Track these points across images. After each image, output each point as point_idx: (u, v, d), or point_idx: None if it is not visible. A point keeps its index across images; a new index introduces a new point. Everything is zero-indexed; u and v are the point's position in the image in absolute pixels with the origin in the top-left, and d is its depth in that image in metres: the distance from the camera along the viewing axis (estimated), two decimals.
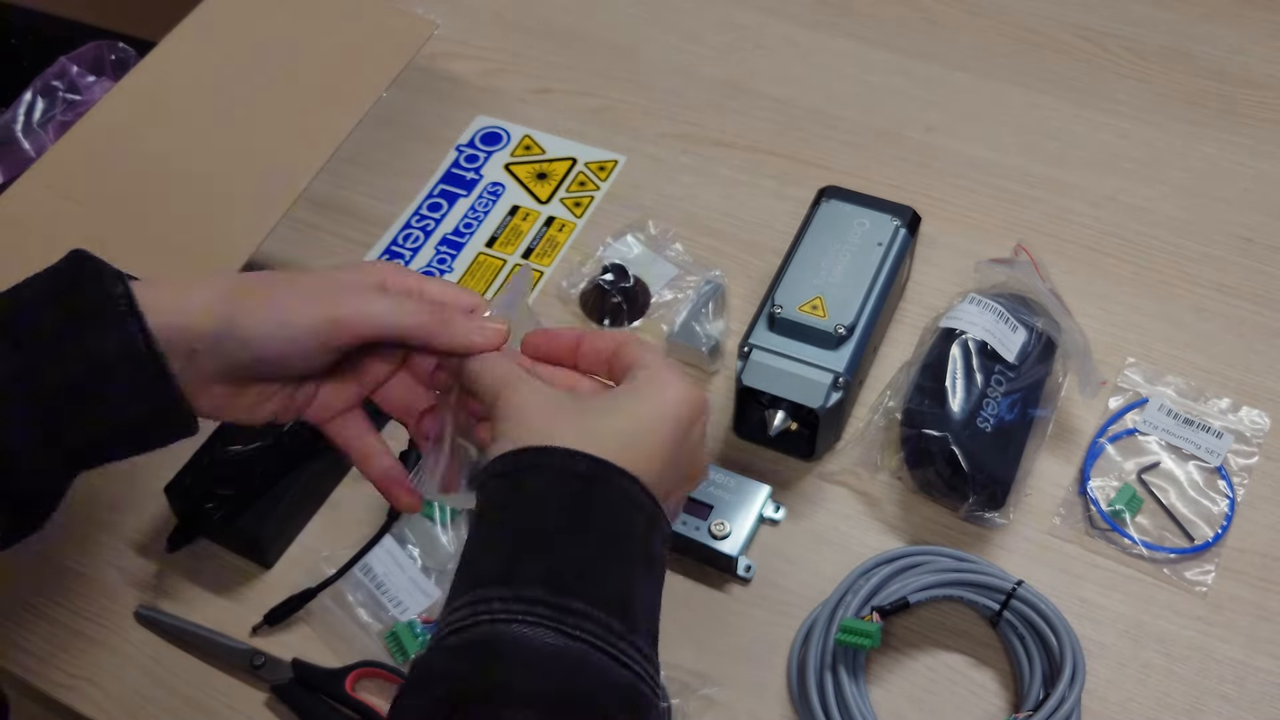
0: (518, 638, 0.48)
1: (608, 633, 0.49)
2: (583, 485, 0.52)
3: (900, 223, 0.89)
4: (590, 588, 0.50)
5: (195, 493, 0.81)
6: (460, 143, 1.09)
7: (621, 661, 0.49)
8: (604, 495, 0.52)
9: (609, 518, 0.52)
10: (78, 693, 0.78)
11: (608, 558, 0.52)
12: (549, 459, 0.53)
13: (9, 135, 1.02)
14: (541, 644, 0.48)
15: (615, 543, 0.52)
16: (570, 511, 0.52)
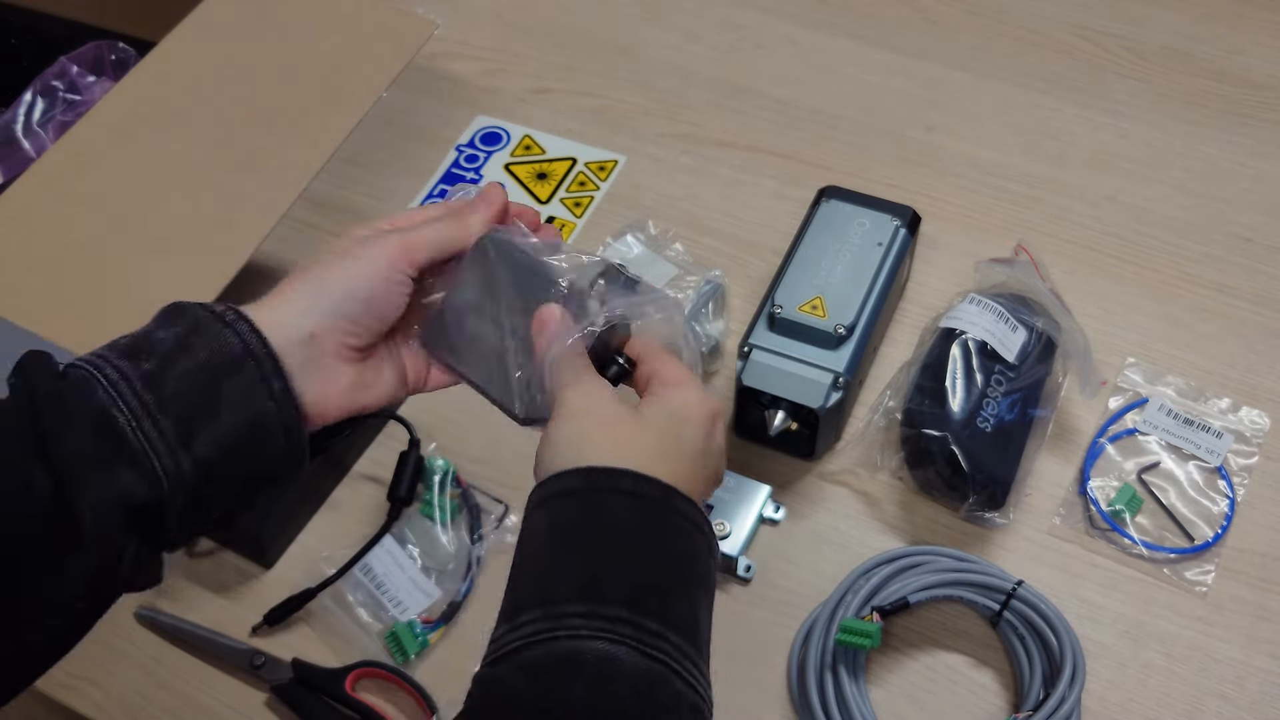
0: (602, 654, 0.48)
1: (680, 654, 0.50)
2: (656, 510, 0.54)
3: (900, 223, 0.89)
4: (666, 610, 0.51)
5: None
6: (460, 143, 1.09)
7: (689, 684, 0.50)
8: (673, 520, 0.54)
9: (678, 541, 0.54)
10: (78, 693, 0.78)
11: (681, 581, 0.53)
12: (621, 482, 0.54)
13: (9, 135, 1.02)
14: (626, 661, 0.49)
15: (685, 566, 0.54)
16: (646, 535, 0.53)
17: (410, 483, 0.84)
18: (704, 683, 0.52)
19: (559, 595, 0.51)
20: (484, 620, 0.80)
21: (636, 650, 0.49)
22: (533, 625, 0.50)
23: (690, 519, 0.54)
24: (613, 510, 0.53)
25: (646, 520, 0.53)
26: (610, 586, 0.51)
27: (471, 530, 0.83)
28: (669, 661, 0.50)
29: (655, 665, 0.49)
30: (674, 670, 0.50)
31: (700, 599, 0.54)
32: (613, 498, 0.53)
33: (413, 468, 0.84)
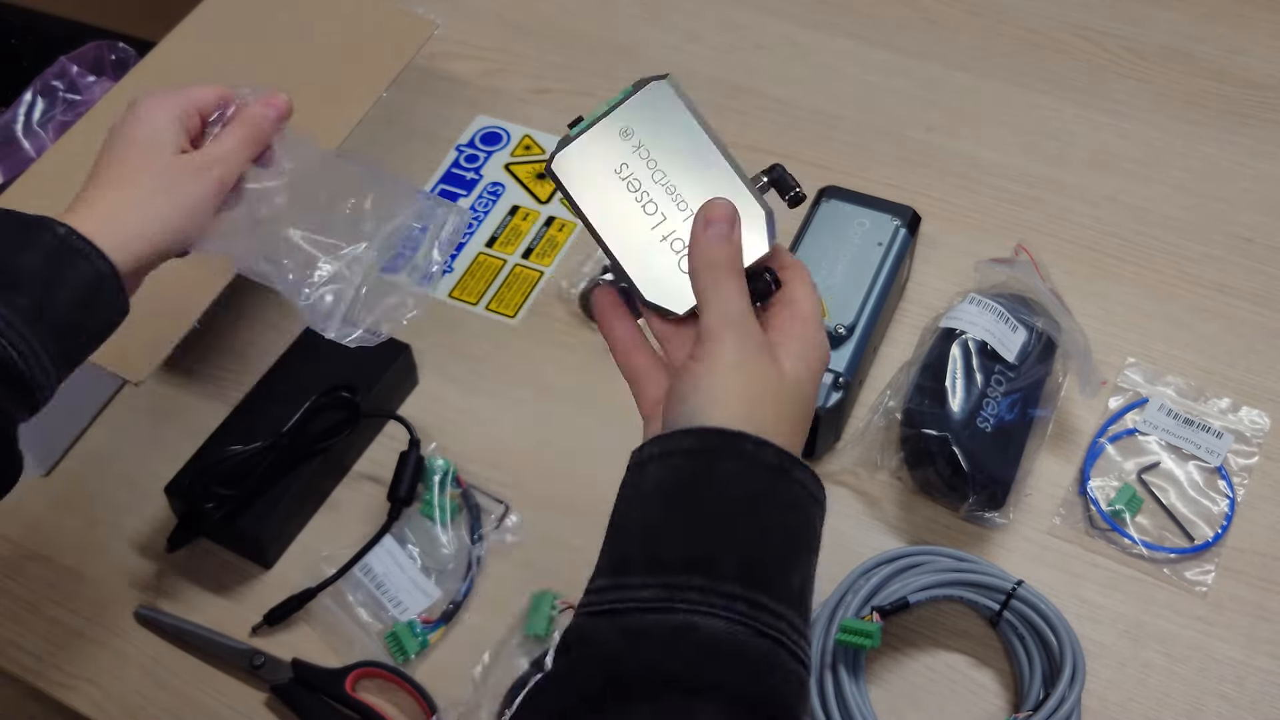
0: (718, 632, 0.48)
1: (791, 629, 0.50)
2: (773, 477, 0.52)
3: (900, 223, 0.89)
4: (779, 584, 0.51)
5: (195, 493, 0.80)
6: (460, 143, 1.09)
7: (799, 658, 0.50)
8: (788, 489, 0.53)
9: (793, 511, 0.53)
10: (78, 693, 0.78)
11: (794, 552, 0.53)
12: (741, 445, 0.52)
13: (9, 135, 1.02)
14: (743, 640, 0.48)
15: (798, 536, 0.53)
16: (762, 504, 0.52)
17: (410, 483, 0.84)
18: (809, 652, 0.52)
19: (672, 563, 0.50)
20: (484, 620, 0.80)
21: (751, 629, 0.48)
22: (647, 590, 0.49)
23: (805, 486, 0.53)
24: (728, 476, 0.52)
25: (763, 489, 0.52)
26: (725, 559, 0.50)
27: (471, 530, 0.83)
28: (783, 639, 0.49)
29: (768, 643, 0.49)
30: (786, 648, 0.49)
31: (810, 565, 0.54)
32: (727, 463, 0.52)
33: (413, 468, 0.84)
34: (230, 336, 0.95)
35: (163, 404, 0.91)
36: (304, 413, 0.83)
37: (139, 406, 0.91)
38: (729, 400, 0.53)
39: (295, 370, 0.88)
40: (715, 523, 0.51)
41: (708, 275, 0.55)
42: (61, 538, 0.85)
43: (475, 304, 0.97)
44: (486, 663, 0.77)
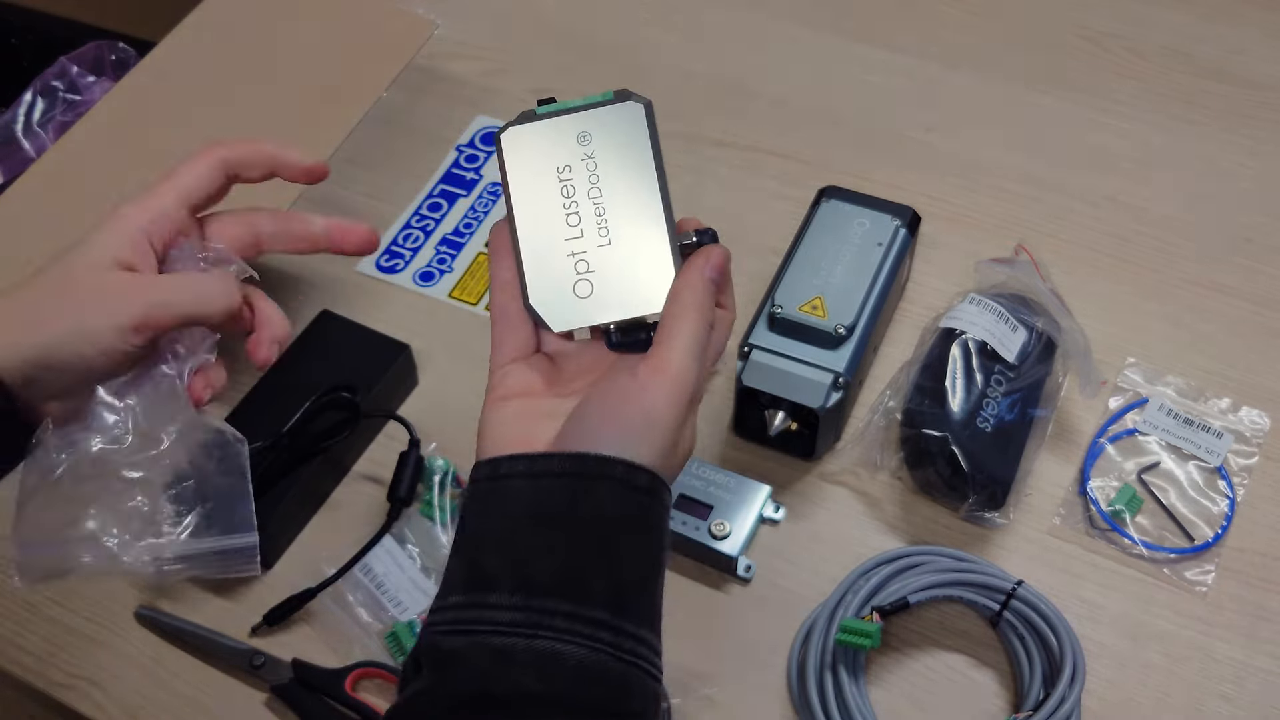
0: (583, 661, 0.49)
1: (649, 651, 0.51)
2: (645, 501, 0.52)
3: (900, 223, 0.89)
4: (642, 606, 0.51)
5: None
6: (460, 143, 1.09)
7: (654, 676, 0.52)
8: (658, 512, 0.53)
9: (657, 530, 0.53)
10: (78, 693, 0.78)
11: (654, 571, 0.53)
12: (613, 470, 0.52)
13: (9, 135, 1.02)
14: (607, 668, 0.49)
15: (659, 554, 0.54)
16: (632, 528, 0.52)
17: (410, 483, 0.84)
18: (660, 667, 0.53)
19: (538, 583, 0.50)
20: None
21: (614, 657, 0.49)
22: (510, 613, 0.49)
23: (665, 504, 0.54)
24: (601, 499, 0.51)
25: (634, 512, 0.52)
26: (594, 583, 0.50)
27: None
28: (644, 665, 0.51)
29: (632, 670, 0.50)
30: (647, 671, 0.51)
31: (663, 575, 0.54)
32: (603, 486, 0.52)
33: (413, 468, 0.84)
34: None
35: None
36: (304, 413, 0.83)
37: None
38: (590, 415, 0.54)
39: (295, 370, 0.88)
40: (587, 547, 0.51)
41: (690, 309, 0.55)
42: None
43: (475, 304, 0.97)
44: None
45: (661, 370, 0.54)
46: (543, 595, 0.49)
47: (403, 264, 1.00)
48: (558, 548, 0.51)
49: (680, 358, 0.54)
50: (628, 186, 0.56)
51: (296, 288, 0.99)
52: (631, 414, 0.53)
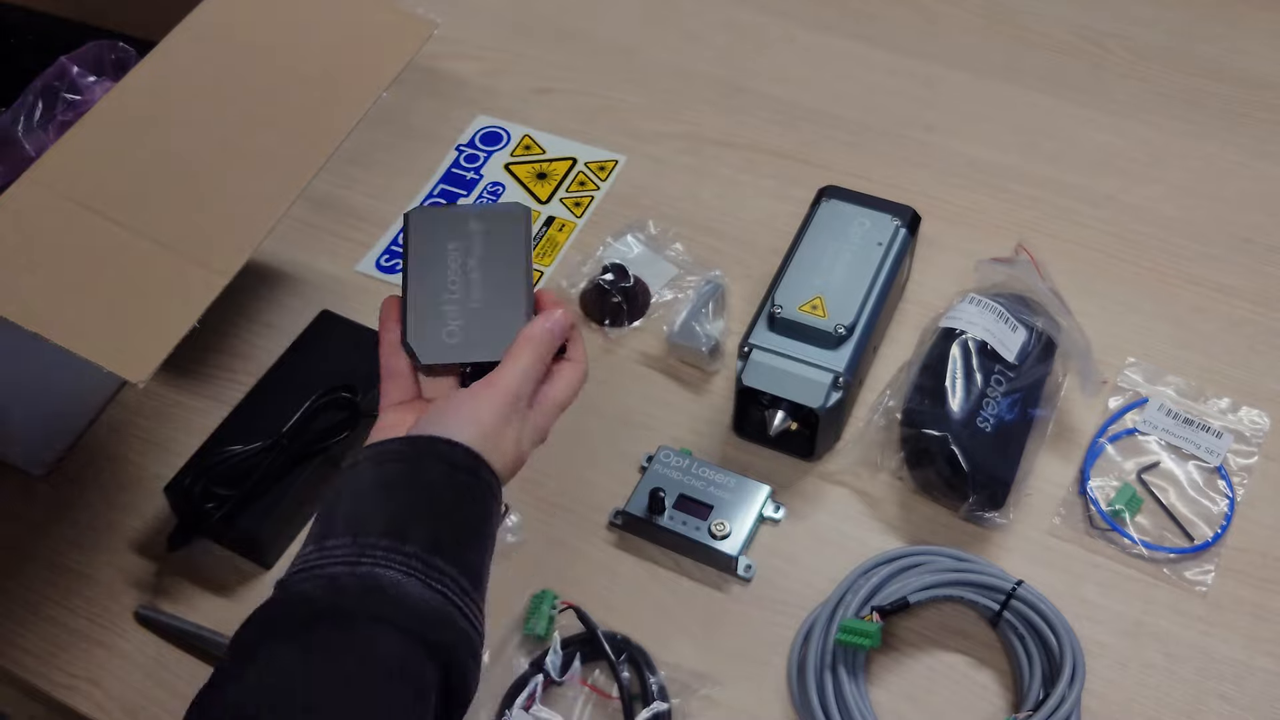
0: (394, 581, 0.57)
1: (460, 590, 0.59)
2: (465, 477, 0.62)
3: (900, 223, 0.89)
4: (455, 554, 0.60)
5: (195, 493, 0.80)
6: (460, 143, 1.09)
7: (468, 618, 0.59)
8: (478, 489, 0.62)
9: (478, 502, 0.62)
10: (78, 693, 0.78)
11: (473, 535, 0.62)
12: (436, 447, 0.62)
13: (9, 135, 1.02)
14: (413, 590, 0.58)
15: (479, 523, 0.62)
16: (451, 493, 0.62)
17: None
18: (480, 619, 0.61)
19: (368, 530, 0.59)
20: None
21: (423, 582, 0.58)
22: (340, 550, 0.58)
23: (489, 485, 0.63)
24: (428, 471, 0.62)
25: (456, 481, 0.62)
26: (413, 530, 0.59)
27: None
28: (451, 596, 0.58)
29: (437, 596, 0.58)
30: (454, 604, 0.58)
31: (486, 550, 0.63)
32: (430, 461, 0.62)
33: None
34: (230, 336, 0.95)
35: (163, 404, 0.91)
36: (304, 413, 0.83)
37: (139, 406, 0.91)
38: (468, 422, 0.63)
39: (295, 370, 0.88)
40: (413, 505, 0.61)
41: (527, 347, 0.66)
42: (61, 538, 0.85)
43: None
44: (486, 663, 0.77)
45: (490, 384, 0.65)
46: (371, 535, 0.59)
47: None
48: (389, 505, 0.61)
49: (507, 377, 0.65)
50: (499, 268, 0.69)
51: (296, 288, 0.99)
52: (461, 412, 0.64)
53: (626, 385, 0.91)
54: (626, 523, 0.83)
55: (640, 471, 0.86)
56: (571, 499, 0.86)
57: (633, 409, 0.90)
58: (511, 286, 0.68)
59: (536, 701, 0.75)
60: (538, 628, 0.78)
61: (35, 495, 0.87)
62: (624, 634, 0.78)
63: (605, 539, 0.84)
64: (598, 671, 0.78)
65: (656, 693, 0.75)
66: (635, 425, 0.89)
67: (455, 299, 0.68)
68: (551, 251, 1.00)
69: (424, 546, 0.59)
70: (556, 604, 0.79)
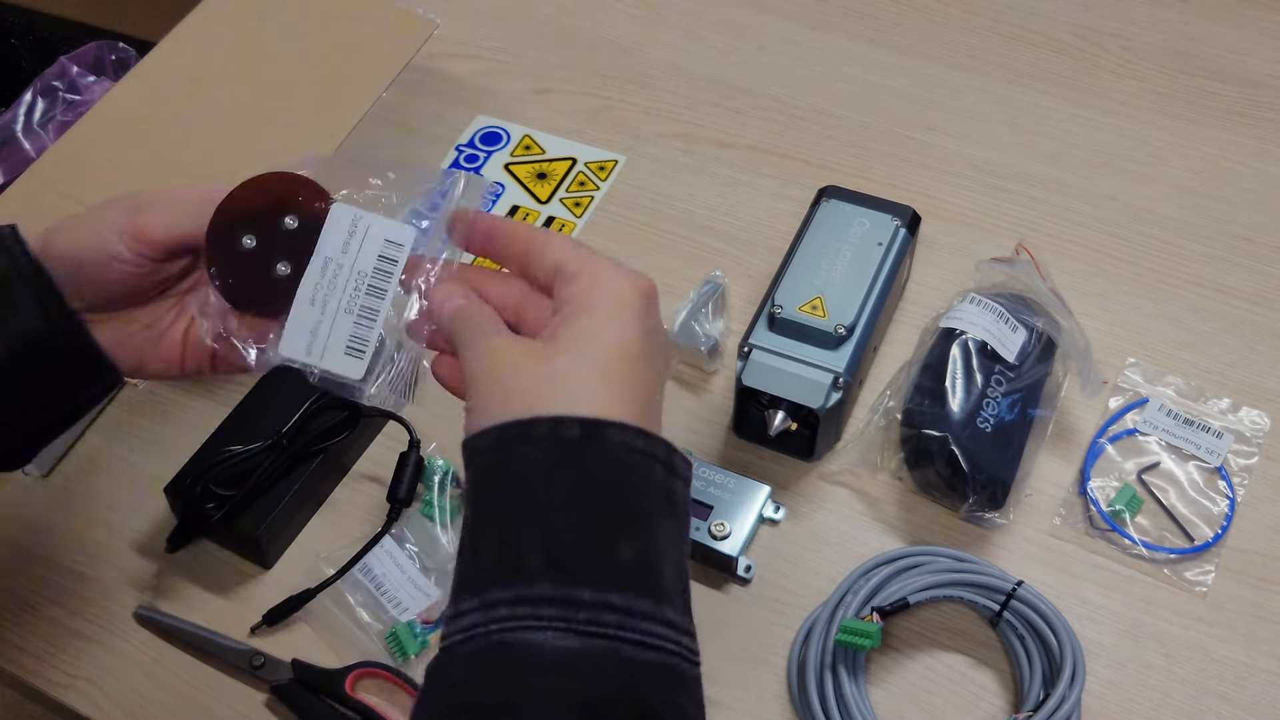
0: (529, 646, 0.45)
1: (628, 616, 0.46)
2: (577, 450, 0.48)
3: (900, 223, 0.89)
4: (602, 568, 0.46)
5: (195, 493, 0.80)
6: (460, 143, 1.09)
7: (649, 645, 0.46)
8: (602, 455, 0.48)
9: (614, 478, 0.48)
10: (78, 693, 0.78)
11: (618, 525, 0.47)
12: (537, 429, 0.48)
13: (9, 135, 1.02)
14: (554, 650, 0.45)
15: (626, 504, 0.48)
16: (569, 482, 0.48)
17: (410, 483, 0.84)
18: (672, 632, 0.47)
19: (487, 575, 0.47)
20: None
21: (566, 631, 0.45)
22: (470, 616, 0.47)
23: (629, 446, 0.48)
24: (522, 462, 0.48)
25: (563, 464, 0.48)
26: (528, 555, 0.46)
27: None
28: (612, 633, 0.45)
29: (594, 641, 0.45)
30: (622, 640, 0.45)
31: (660, 530, 0.48)
32: (522, 448, 0.48)
33: (413, 468, 0.84)
34: None
35: (163, 404, 0.91)
36: (304, 413, 0.83)
37: (139, 406, 0.91)
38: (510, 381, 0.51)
39: (295, 370, 0.88)
40: (512, 515, 0.48)
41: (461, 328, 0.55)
42: (61, 538, 0.85)
43: None
44: None
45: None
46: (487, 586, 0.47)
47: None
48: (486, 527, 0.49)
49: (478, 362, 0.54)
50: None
51: None
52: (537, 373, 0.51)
53: None
54: None
55: None
56: None
57: None
58: None
59: None
60: None
61: (35, 495, 0.87)
62: None
63: None
64: None
65: None
66: None
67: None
68: None
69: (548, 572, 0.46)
70: None
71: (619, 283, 0.53)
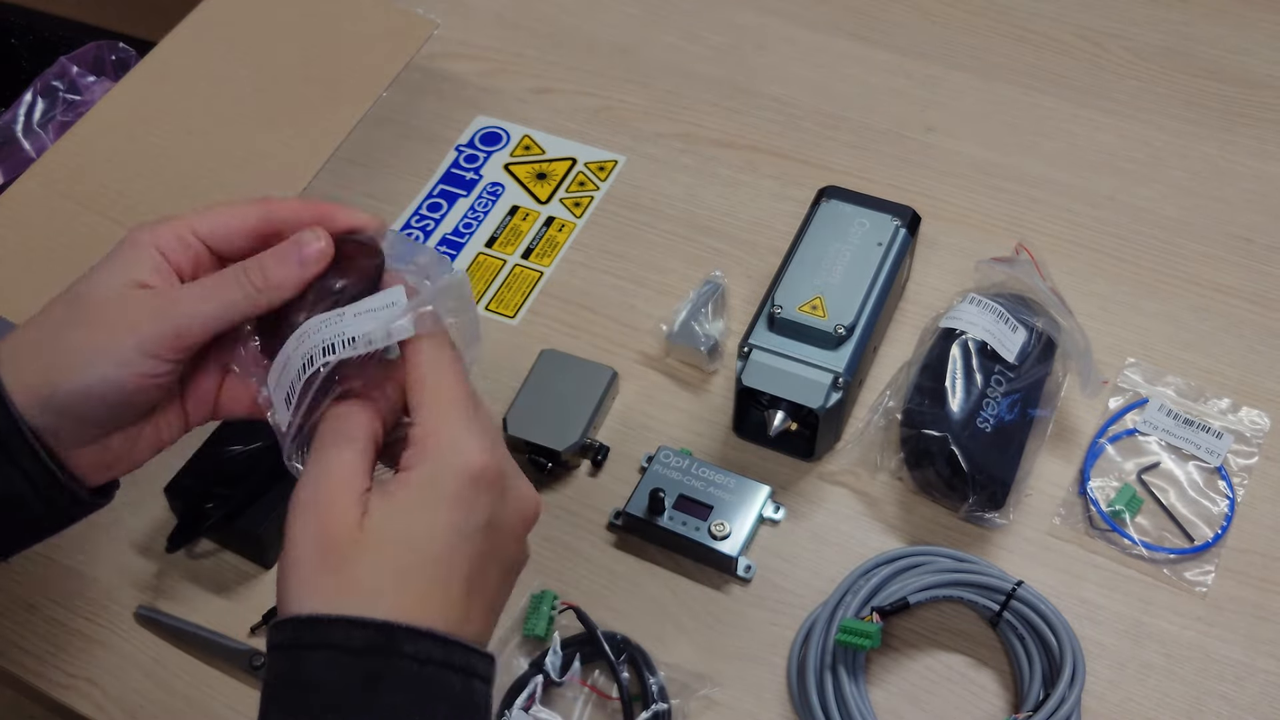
0: None
1: None
2: (373, 663, 0.45)
3: (900, 223, 0.89)
4: None
5: (195, 493, 0.81)
6: (460, 143, 1.09)
7: None
8: (396, 669, 0.45)
9: (406, 695, 0.45)
10: (78, 693, 0.78)
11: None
12: (327, 634, 0.45)
13: (9, 135, 1.02)
14: None
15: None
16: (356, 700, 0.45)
17: None
18: None
19: None
20: None
21: None
22: None
23: (432, 660, 0.45)
24: (316, 670, 0.45)
25: (356, 679, 0.44)
26: None
27: None
28: None
29: None
30: None
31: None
32: (317, 654, 0.45)
33: None
34: None
35: None
36: None
37: None
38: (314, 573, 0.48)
39: None
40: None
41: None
42: (61, 538, 0.84)
43: (475, 304, 0.97)
44: None
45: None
46: None
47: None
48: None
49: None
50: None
51: None
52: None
53: (626, 385, 0.91)
54: (626, 523, 0.83)
55: (640, 472, 0.86)
56: (571, 499, 0.86)
57: (632, 409, 0.90)
58: None
59: (536, 702, 0.75)
60: (537, 628, 0.78)
61: None
62: (624, 634, 0.78)
63: (605, 539, 0.84)
64: (597, 672, 0.78)
65: (656, 693, 0.75)
66: (634, 425, 0.89)
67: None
68: (551, 252, 1.00)
69: None
70: (556, 604, 0.79)
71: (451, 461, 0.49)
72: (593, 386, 0.87)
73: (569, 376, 0.88)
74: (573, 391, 0.87)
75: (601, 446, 0.86)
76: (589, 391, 0.87)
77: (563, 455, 0.84)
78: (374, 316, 0.53)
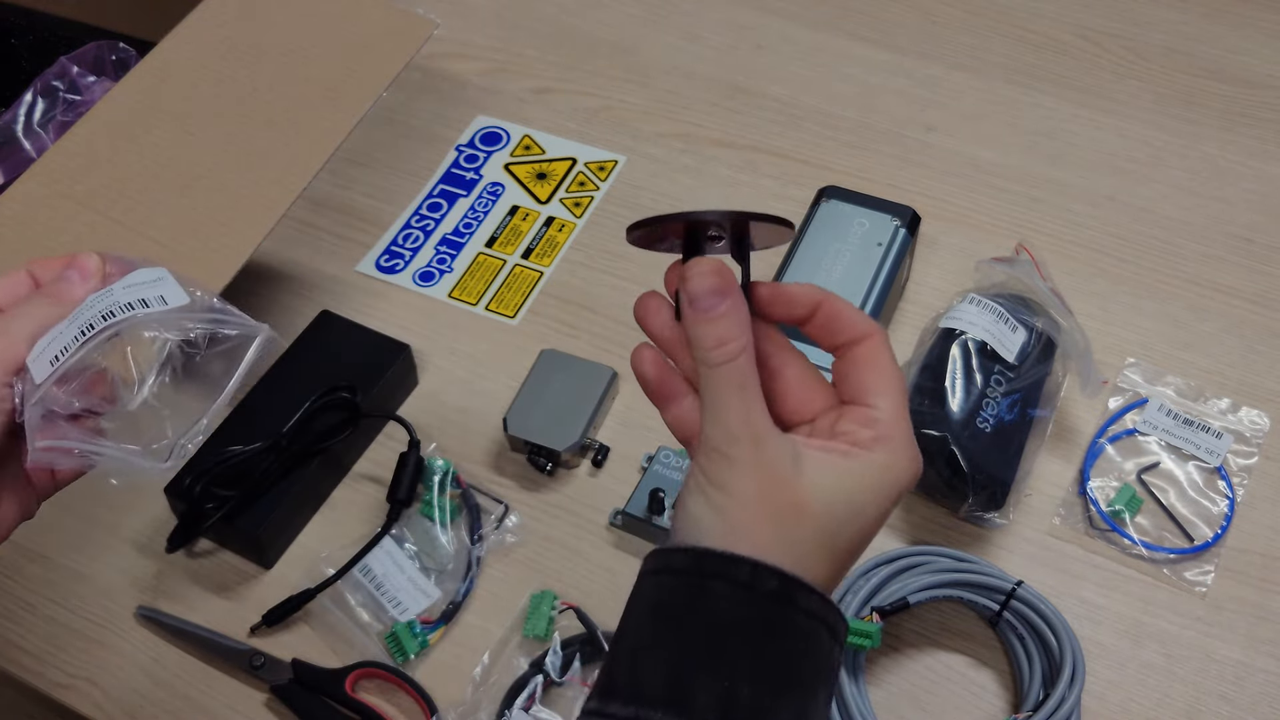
0: None
1: None
2: (770, 606, 0.47)
3: (900, 223, 0.89)
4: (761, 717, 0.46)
5: (195, 493, 0.80)
6: (460, 143, 1.09)
7: None
8: (790, 618, 0.47)
9: (794, 642, 0.48)
10: (78, 693, 0.78)
11: (788, 688, 0.47)
12: (737, 570, 0.47)
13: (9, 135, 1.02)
14: None
15: (797, 668, 0.48)
16: (754, 636, 0.47)
17: (410, 483, 0.84)
18: None
19: (648, 693, 0.46)
20: (483, 620, 0.80)
21: None
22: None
23: (815, 614, 0.48)
24: (717, 601, 0.47)
25: (755, 617, 0.47)
26: (700, 694, 0.46)
27: (471, 531, 0.83)
28: None
29: None
30: None
31: (819, 697, 0.48)
32: (720, 586, 0.47)
33: (413, 468, 0.84)
34: None
35: None
36: (304, 413, 0.83)
37: None
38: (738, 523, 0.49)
39: (295, 370, 0.88)
40: (694, 651, 0.47)
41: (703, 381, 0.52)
42: (61, 538, 0.85)
43: (475, 304, 0.97)
44: (486, 663, 0.77)
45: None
46: (650, 705, 0.46)
47: (402, 264, 1.00)
48: (664, 652, 0.47)
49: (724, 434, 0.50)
50: None
51: (296, 288, 0.99)
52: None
53: (626, 385, 0.91)
54: (626, 523, 0.83)
55: (640, 472, 0.86)
56: (571, 499, 0.86)
57: (632, 409, 0.90)
58: None
59: (536, 702, 0.75)
60: (538, 628, 0.78)
61: None
62: None
63: (605, 539, 0.84)
64: (598, 672, 0.78)
65: None
66: (634, 425, 0.89)
67: None
68: (551, 252, 1.00)
69: (717, 712, 0.45)
70: (556, 604, 0.79)
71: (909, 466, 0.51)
72: (593, 386, 0.87)
73: (569, 376, 0.88)
74: (573, 391, 0.87)
75: (601, 446, 0.86)
76: (589, 391, 0.87)
77: (563, 455, 0.85)
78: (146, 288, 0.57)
